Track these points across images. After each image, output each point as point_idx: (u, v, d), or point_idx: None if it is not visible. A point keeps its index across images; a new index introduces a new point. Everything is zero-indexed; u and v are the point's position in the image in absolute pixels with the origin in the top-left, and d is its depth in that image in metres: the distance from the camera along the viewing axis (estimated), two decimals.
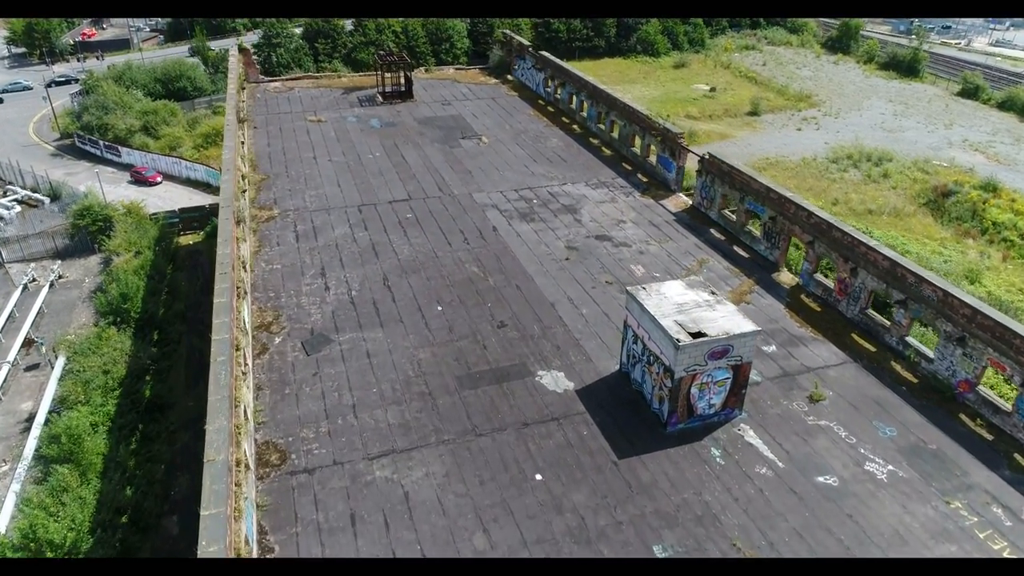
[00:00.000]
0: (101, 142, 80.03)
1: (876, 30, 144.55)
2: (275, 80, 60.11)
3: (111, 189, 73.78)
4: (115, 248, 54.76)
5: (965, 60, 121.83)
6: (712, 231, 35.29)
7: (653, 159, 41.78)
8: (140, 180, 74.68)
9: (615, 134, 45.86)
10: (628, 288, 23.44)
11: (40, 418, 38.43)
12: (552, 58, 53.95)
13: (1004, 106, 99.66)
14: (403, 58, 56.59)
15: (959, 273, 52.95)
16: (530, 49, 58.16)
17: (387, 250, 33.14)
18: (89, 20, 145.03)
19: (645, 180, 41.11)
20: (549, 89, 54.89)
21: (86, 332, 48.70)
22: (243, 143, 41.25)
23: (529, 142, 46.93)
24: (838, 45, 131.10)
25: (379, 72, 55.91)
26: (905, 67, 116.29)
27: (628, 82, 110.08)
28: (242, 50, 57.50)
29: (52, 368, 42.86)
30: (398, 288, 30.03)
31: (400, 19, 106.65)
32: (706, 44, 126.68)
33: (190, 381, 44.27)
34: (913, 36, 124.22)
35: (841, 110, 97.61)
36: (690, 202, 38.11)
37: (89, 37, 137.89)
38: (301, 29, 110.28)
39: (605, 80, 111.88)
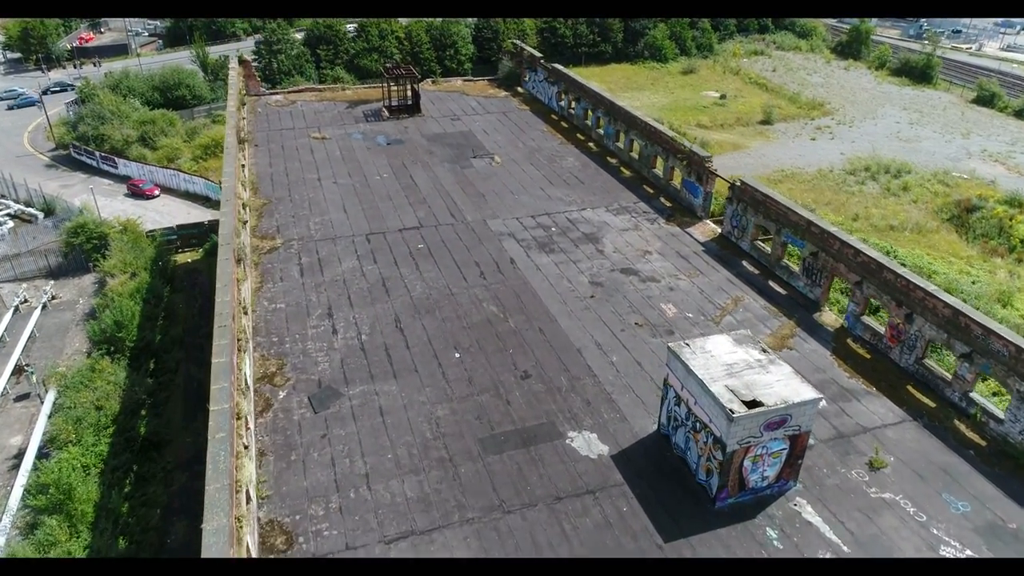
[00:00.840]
0: (97, 153, 77.81)
1: (886, 34, 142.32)
2: (277, 92, 57.87)
3: (107, 203, 71.58)
4: (110, 269, 52.49)
5: (977, 66, 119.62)
6: (744, 263, 33.05)
7: (677, 182, 39.56)
8: (137, 193, 72.45)
9: (635, 154, 43.64)
10: (670, 345, 21.18)
11: (27, 463, 36.18)
12: (566, 71, 51.71)
13: (1022, 115, 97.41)
14: (410, 70, 54.34)
15: (990, 296, 50.71)
16: (542, 61, 55.91)
17: (398, 286, 30.90)
18: (87, 24, 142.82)
19: (669, 205, 38.88)
20: (562, 103, 52.66)
21: (78, 362, 46.48)
22: (243, 166, 38.97)
23: (544, 162, 44.70)
24: (848, 50, 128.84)
25: (385, 84, 53.69)
26: (918, 73, 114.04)
27: (636, 89, 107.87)
28: (242, 62, 55.27)
29: (42, 402, 40.61)
30: (411, 331, 27.79)
31: (404, 25, 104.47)
32: (714, 49, 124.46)
33: (188, 413, 42.11)
34: (925, 41, 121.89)
35: (855, 118, 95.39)
36: (719, 230, 35.88)
37: (87, 42, 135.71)
38: (302, 35, 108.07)
39: (612, 87, 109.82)
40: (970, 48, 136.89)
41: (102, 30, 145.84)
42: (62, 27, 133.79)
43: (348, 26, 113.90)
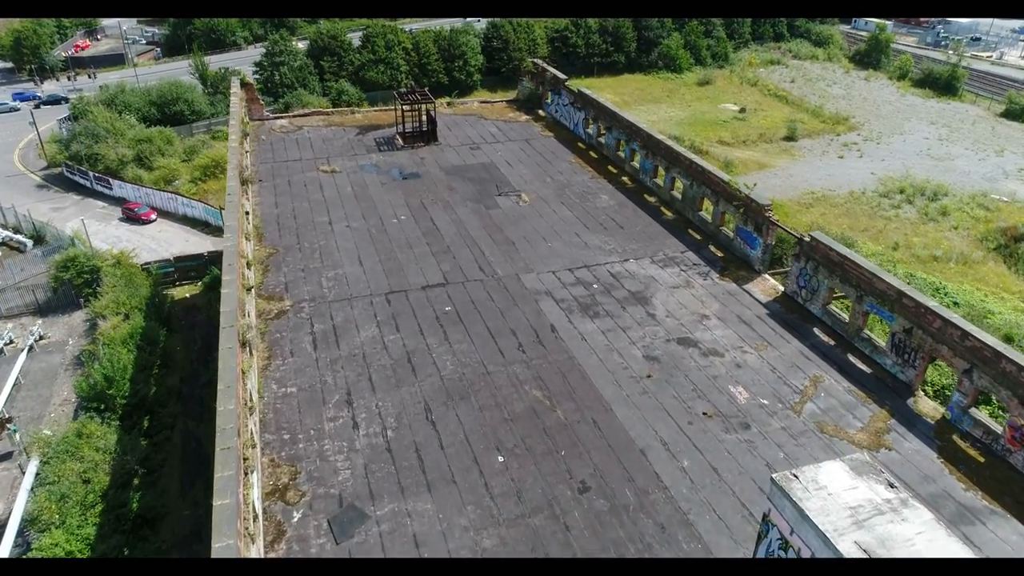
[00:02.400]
0: (91, 173, 73.85)
1: (903, 41, 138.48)
2: (282, 117, 53.92)
3: (100, 228, 67.72)
4: (101, 310, 48.58)
5: (1001, 76, 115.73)
6: (817, 331, 29.14)
7: (728, 227, 35.66)
8: (132, 217, 68.54)
9: (677, 192, 39.75)
10: (775, 477, 17.24)
11: (7, 544, 32.24)
12: (595, 97, 47.78)
13: None
14: (425, 94, 50.41)
15: None
16: (566, 83, 51.98)
17: (426, 362, 26.98)
18: (83, 31, 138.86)
19: (721, 255, 34.96)
20: (590, 131, 48.76)
21: (66, 414, 42.62)
22: (247, 213, 35.04)
23: (576, 200, 40.78)
24: (867, 60, 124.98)
25: (398, 105, 49.75)
26: (942, 85, 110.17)
27: (652, 101, 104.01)
28: (244, 85, 51.34)
29: (23, 472, 36.66)
30: (445, 425, 23.87)
31: (411, 35, 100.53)
32: (730, 59, 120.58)
33: (186, 478, 38.26)
34: (950, 51, 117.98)
35: (882, 134, 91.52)
36: (781, 288, 31.98)
37: (83, 49, 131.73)
38: (305, 44, 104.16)
39: (627, 99, 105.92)
40: (991, 56, 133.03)
41: (99, 36, 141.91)
42: (56, 34, 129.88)
43: (352, 34, 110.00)
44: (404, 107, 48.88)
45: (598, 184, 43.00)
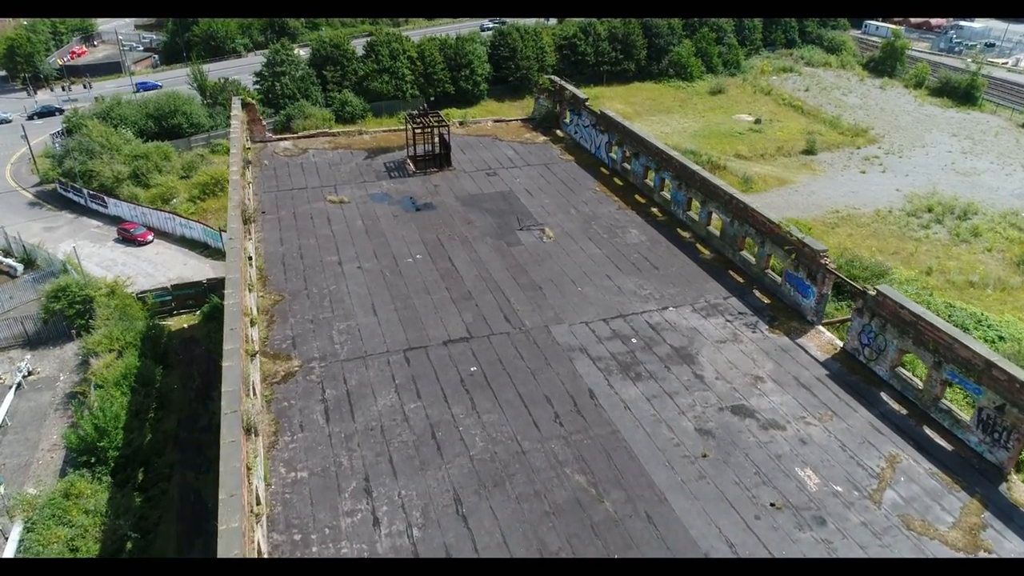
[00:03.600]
0: (85, 191, 70.83)
1: (915, 47, 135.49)
2: (285, 138, 50.93)
3: (95, 250, 64.76)
4: (94, 347, 45.60)
5: (1019, 84, 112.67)
6: (884, 396, 26.20)
7: (773, 269, 32.72)
8: (128, 238, 65.52)
9: (714, 228, 36.81)
10: None
11: None
12: (620, 120, 44.81)
13: None
14: (438, 116, 47.47)
15: None
16: (587, 103, 49.03)
17: (452, 438, 24.03)
18: (79, 37, 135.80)
19: (767, 302, 32.00)
20: (614, 155, 45.82)
21: (52, 472, 39.62)
22: (251, 258, 32.05)
23: (604, 235, 37.83)
24: (882, 67, 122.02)
25: (409, 127, 46.78)
26: (961, 94, 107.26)
27: (663, 111, 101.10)
28: (246, 105, 48.36)
29: (6, 539, 33.65)
30: (478, 520, 20.91)
31: (416, 44, 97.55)
32: (742, 66, 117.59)
33: (184, 536, 35.37)
34: (969, 60, 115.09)
35: (903, 147, 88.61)
36: (839, 343, 29.04)
37: (79, 56, 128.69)
38: (307, 52, 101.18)
39: (638, 109, 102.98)
40: (1006, 63, 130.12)
41: (95, 43, 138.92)
42: (52, 40, 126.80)
43: (355, 41, 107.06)
44: (415, 129, 45.89)
45: (626, 216, 40.05)
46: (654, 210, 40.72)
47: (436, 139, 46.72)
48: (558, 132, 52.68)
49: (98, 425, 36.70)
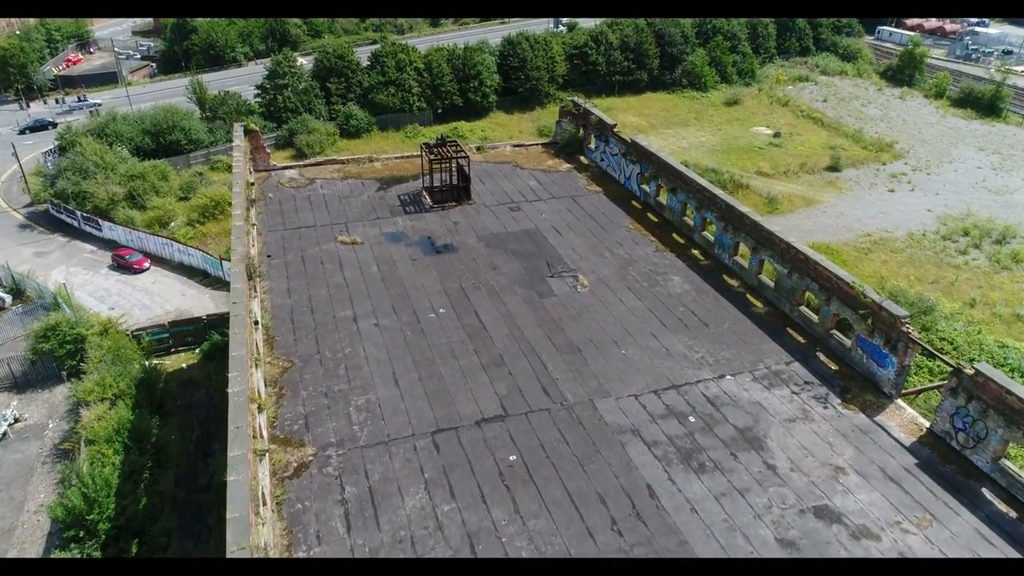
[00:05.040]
0: (78, 213, 67.38)
1: (933, 54, 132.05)
2: (291, 167, 47.48)
3: (88, 278, 61.38)
4: (85, 396, 42.16)
5: None
6: (986, 493, 22.80)
7: (837, 330, 29.34)
8: (123, 265, 62.06)
9: (766, 276, 33.42)
10: None
11: None
12: (655, 151, 41.40)
13: None
14: (456, 145, 44.08)
15: None
16: (616, 129, 45.63)
17: (494, 549, 20.63)
18: (75, 44, 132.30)
19: (834, 368, 28.61)
20: (647, 188, 42.43)
21: (39, 538, 36.18)
22: (256, 322, 28.60)
23: (643, 284, 34.42)
24: (900, 76, 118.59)
25: (424, 157, 43.36)
26: (984, 105, 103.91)
27: (679, 124, 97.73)
28: (249, 132, 44.93)
29: None
30: None
31: (423, 54, 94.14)
32: (756, 75, 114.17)
33: None
34: (992, 68, 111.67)
35: (930, 162, 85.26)
36: (924, 423, 25.64)
37: (74, 64, 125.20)
38: (309, 61, 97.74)
39: (653, 121, 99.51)
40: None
41: (91, 50, 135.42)
42: (47, 48, 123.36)
43: (358, 49, 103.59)
44: (432, 160, 42.46)
45: (665, 260, 36.63)
46: (695, 252, 37.31)
47: (454, 170, 43.30)
48: (582, 159, 49.28)
49: (87, 495, 33.27)
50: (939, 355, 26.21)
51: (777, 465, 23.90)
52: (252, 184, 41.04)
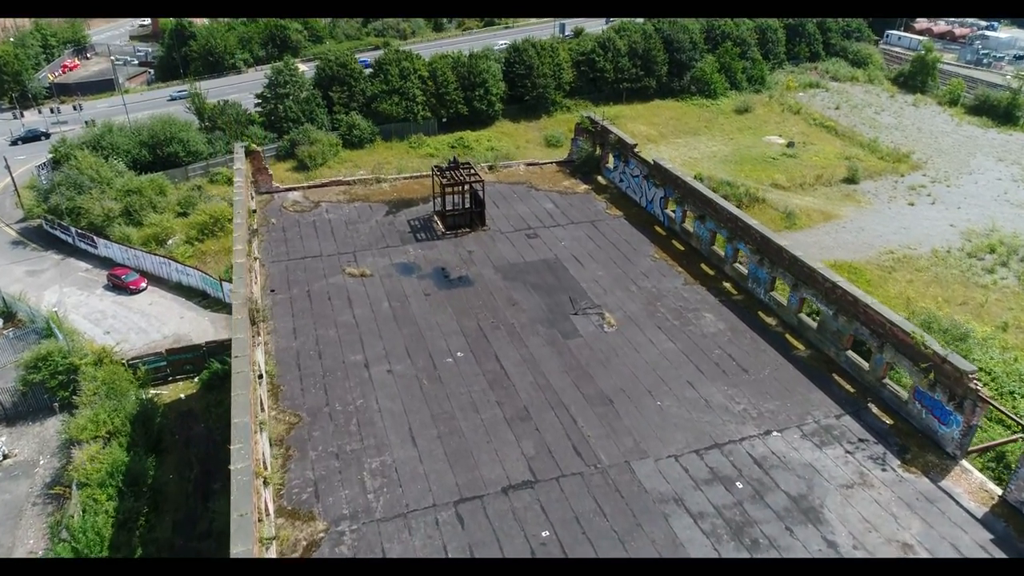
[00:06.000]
0: (73, 229, 65.06)
1: (944, 58, 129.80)
2: (294, 188, 45.14)
3: (83, 299, 59.06)
4: (77, 434, 39.86)
5: None
6: None
7: (892, 379, 27.06)
8: (119, 285, 59.72)
9: (806, 315, 31.12)
10: None
11: None
12: (680, 174, 39.10)
13: None
14: (470, 167, 41.78)
15: None
16: (636, 150, 43.34)
17: None
18: (71, 49, 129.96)
19: (889, 422, 26.31)
20: (671, 213, 40.15)
21: None
22: (261, 376, 26.27)
23: (674, 323, 32.11)
24: (912, 82, 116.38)
25: (437, 181, 41.03)
26: (1001, 113, 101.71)
27: (689, 133, 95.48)
28: (250, 153, 42.59)
29: None
30: None
31: (428, 62, 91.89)
32: (766, 82, 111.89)
33: None
34: (1008, 74, 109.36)
35: (949, 174, 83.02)
36: (995, 490, 23.34)
37: (71, 70, 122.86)
38: (311, 68, 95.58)
39: (663, 130, 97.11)
40: None
41: (88, 55, 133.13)
42: (42, 55, 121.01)
43: (360, 55, 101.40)
44: (445, 184, 40.13)
45: (696, 295, 34.32)
46: (727, 286, 35.00)
47: (467, 194, 40.98)
48: (600, 179, 46.97)
49: (78, 551, 30.95)
50: (1014, 418, 23.93)
51: (838, 542, 21.59)
52: (254, 212, 38.68)
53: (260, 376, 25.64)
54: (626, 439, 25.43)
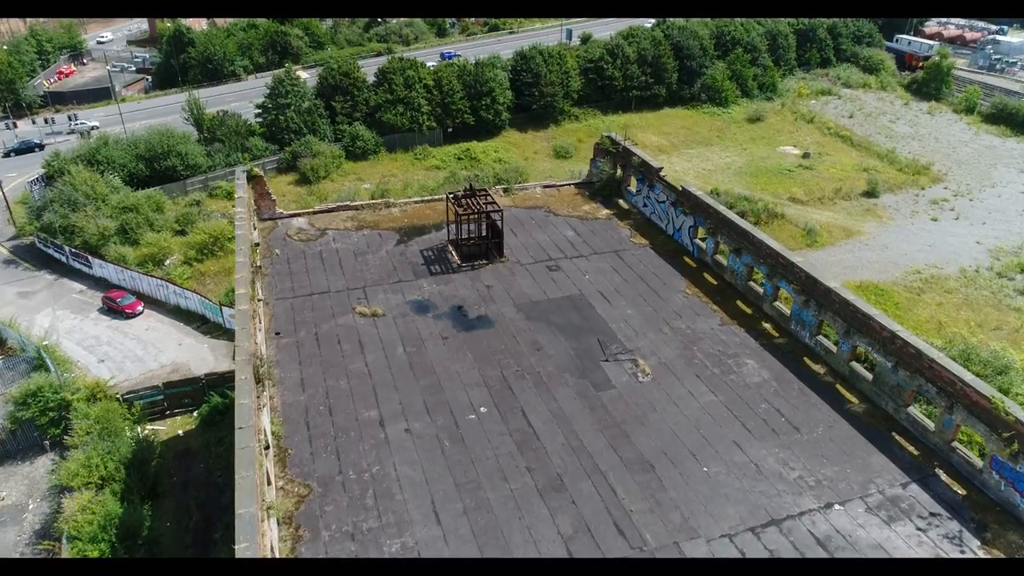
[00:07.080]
0: (67, 248, 62.48)
1: (959, 64, 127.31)
2: (299, 214, 42.60)
3: (76, 323, 56.49)
4: (68, 481, 37.33)
5: None
6: None
7: (965, 442, 24.57)
8: (115, 309, 57.13)
9: (859, 365, 28.62)
10: None
11: None
12: (712, 203, 36.59)
13: None
14: (487, 195, 39.27)
15: None
16: (662, 174, 40.84)
17: None
18: (67, 55, 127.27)
19: (962, 493, 23.82)
20: (702, 243, 37.65)
21: None
22: (267, 448, 23.73)
23: (714, 370, 29.61)
24: (926, 89, 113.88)
25: (452, 209, 38.52)
26: (1019, 121, 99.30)
27: (701, 143, 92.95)
28: (253, 178, 40.05)
29: None
30: None
31: (433, 71, 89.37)
32: (778, 89, 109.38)
33: None
34: (1019, 81, 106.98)
35: (971, 187, 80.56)
36: None
37: (67, 76, 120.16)
38: (312, 75, 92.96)
39: (673, 140, 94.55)
40: None
41: (84, 61, 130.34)
42: (38, 61, 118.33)
43: (363, 62, 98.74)
44: (461, 214, 37.61)
45: (735, 337, 31.80)
46: (767, 326, 32.49)
47: (483, 222, 38.47)
48: (621, 203, 44.47)
49: None
50: None
51: None
52: (257, 245, 36.14)
53: (267, 447, 23.08)
54: (672, 514, 22.92)
